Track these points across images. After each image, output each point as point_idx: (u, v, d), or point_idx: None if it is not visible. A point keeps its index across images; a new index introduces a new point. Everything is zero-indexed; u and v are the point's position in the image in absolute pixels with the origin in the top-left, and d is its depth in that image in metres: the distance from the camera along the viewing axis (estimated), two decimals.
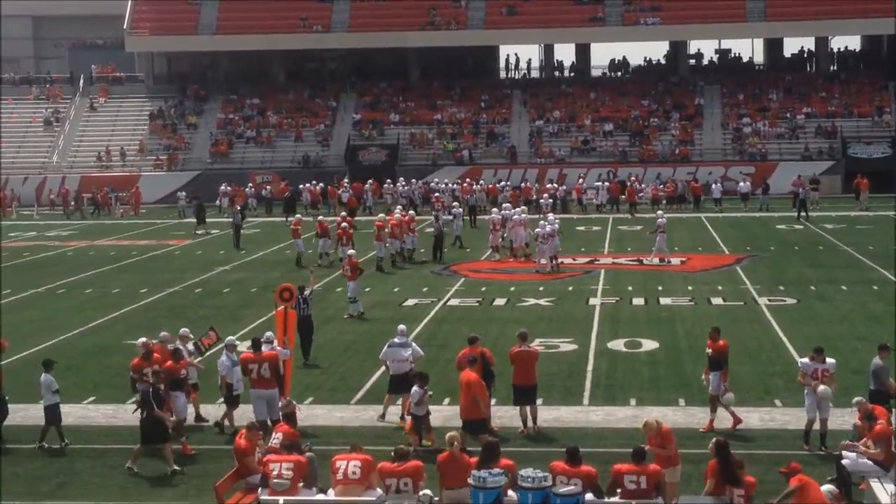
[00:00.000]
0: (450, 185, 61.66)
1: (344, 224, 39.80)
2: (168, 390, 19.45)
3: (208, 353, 23.03)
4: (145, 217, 62.87)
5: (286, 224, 48.90)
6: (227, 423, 20.37)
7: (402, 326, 21.74)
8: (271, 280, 35.40)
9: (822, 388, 18.37)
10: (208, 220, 54.87)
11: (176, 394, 19.75)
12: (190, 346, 21.53)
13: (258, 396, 19.59)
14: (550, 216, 42.07)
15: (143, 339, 20.87)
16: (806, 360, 18.93)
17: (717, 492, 14.15)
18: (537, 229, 38.84)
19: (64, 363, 20.24)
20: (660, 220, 40.92)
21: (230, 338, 21.35)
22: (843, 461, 15.95)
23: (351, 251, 33.96)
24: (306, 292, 25.35)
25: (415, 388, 18.99)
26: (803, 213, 53.83)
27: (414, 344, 21.80)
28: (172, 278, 38.85)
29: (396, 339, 21.12)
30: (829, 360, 18.76)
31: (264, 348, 20.40)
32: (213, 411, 20.98)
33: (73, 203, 66.11)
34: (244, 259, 43.58)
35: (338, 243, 38.45)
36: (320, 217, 43.62)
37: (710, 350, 20.24)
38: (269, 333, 21.50)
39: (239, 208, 51.67)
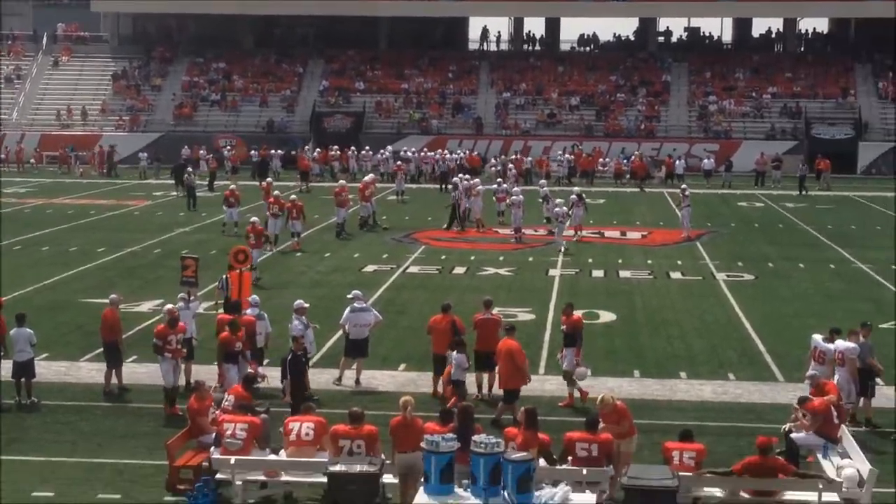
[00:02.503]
0: (415, 153, 62.06)
1: (293, 196, 38.76)
2: (221, 363, 19.05)
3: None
4: (105, 177, 62.33)
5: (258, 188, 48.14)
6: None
7: (357, 291, 21.68)
8: (231, 244, 35.11)
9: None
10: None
11: (227, 366, 19.01)
12: (194, 305, 21.46)
13: None
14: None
15: (170, 306, 20.31)
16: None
17: None
18: (556, 209, 38.23)
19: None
20: (686, 192, 41.00)
21: (299, 301, 20.95)
22: (792, 435, 16.07)
23: (254, 218, 33.23)
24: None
25: (457, 355, 18.96)
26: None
27: (373, 309, 21.80)
28: (131, 238, 38.58)
29: (357, 304, 21.06)
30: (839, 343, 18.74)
31: (250, 312, 20.54)
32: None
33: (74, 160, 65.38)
34: (204, 221, 43.29)
35: (288, 217, 37.17)
36: (232, 186, 42.82)
37: (564, 326, 20.19)
38: (254, 297, 21.44)
39: (190, 170, 51.06)
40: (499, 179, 47.89)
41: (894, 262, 34.23)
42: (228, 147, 65.67)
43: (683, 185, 44.16)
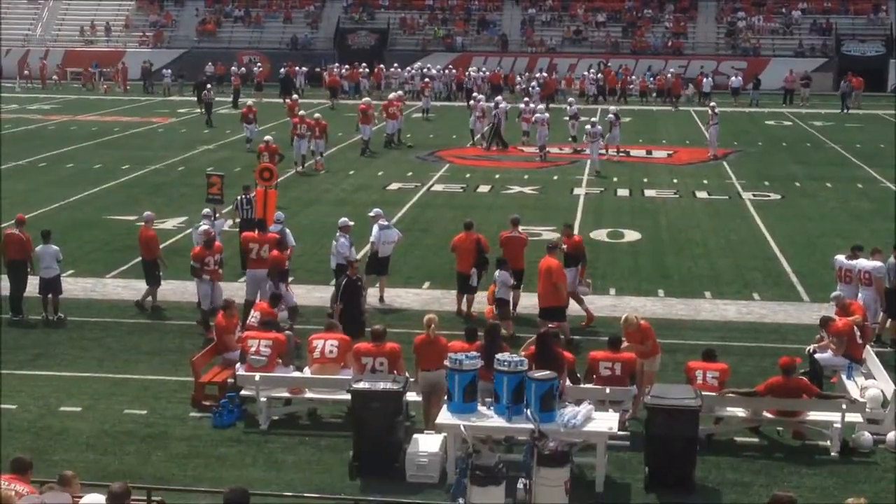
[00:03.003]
0: (442, 70, 61.68)
1: (317, 115, 37.97)
2: (277, 281, 18.76)
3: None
4: (129, 94, 62.24)
5: (283, 105, 47.97)
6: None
7: (378, 209, 21.59)
8: (254, 160, 35.07)
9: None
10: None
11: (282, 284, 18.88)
12: (219, 223, 21.54)
13: (253, 277, 19.44)
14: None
15: (205, 227, 20.25)
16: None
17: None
18: (589, 128, 36.73)
19: None
20: (715, 110, 40.41)
21: (344, 219, 20.77)
22: (816, 355, 16.04)
23: (268, 137, 32.87)
24: (252, 193, 23.55)
25: (501, 273, 18.84)
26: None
27: (393, 227, 21.89)
28: (154, 156, 38.58)
29: (382, 222, 21.01)
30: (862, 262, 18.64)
31: (274, 228, 20.45)
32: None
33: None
34: (228, 139, 43.21)
35: (310, 136, 36.72)
36: (249, 102, 42.76)
37: (566, 246, 19.84)
38: (279, 214, 21.41)
39: (210, 86, 50.79)
40: (525, 98, 47.38)
41: None
42: (258, 65, 65.06)
43: (713, 103, 43.48)
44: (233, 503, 9.57)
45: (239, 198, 23.57)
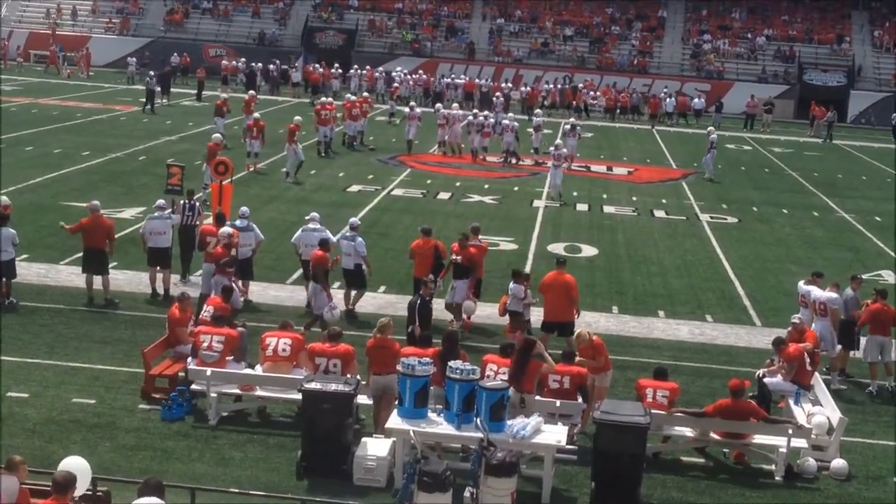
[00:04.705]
0: (409, 75, 61.56)
1: (256, 115, 37.12)
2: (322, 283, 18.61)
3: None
4: (93, 80, 61.73)
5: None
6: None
7: (315, 214, 21.37)
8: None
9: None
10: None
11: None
12: (176, 217, 21.21)
13: (209, 270, 19.28)
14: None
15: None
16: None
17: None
18: (553, 150, 35.47)
19: None
20: (713, 134, 40.86)
21: (353, 219, 20.84)
22: (766, 379, 16.21)
23: (216, 135, 32.45)
24: (195, 197, 22.53)
25: (514, 285, 18.46)
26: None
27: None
28: (116, 143, 38.30)
29: (312, 224, 20.74)
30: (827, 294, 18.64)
31: (238, 223, 20.44)
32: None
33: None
34: (191, 131, 42.97)
35: (245, 135, 36.21)
36: (224, 96, 42.81)
37: (459, 257, 19.63)
38: (244, 209, 21.25)
39: (153, 73, 50.49)
40: (486, 112, 47.29)
41: (877, 213, 34.38)
42: (243, 62, 64.33)
43: (711, 127, 43.56)
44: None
45: (182, 202, 22.50)
